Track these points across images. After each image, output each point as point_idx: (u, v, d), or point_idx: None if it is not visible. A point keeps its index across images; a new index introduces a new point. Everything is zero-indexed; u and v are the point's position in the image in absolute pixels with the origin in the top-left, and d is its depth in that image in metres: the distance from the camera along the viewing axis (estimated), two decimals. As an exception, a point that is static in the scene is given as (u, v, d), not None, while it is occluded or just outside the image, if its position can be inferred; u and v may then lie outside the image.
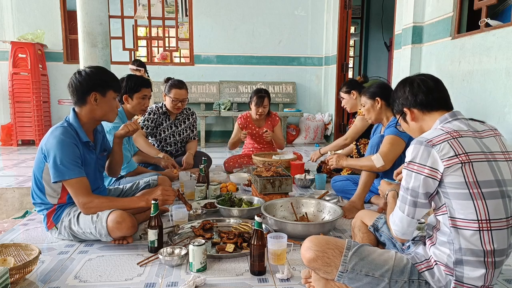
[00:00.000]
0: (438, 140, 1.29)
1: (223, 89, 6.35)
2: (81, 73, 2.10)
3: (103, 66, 2.26)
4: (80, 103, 2.11)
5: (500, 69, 2.73)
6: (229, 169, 3.96)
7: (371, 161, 2.47)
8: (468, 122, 1.38)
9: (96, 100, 2.09)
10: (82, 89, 2.08)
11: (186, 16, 7.39)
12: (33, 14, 5.90)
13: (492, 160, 1.29)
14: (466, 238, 1.25)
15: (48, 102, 5.99)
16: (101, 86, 2.10)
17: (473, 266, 1.26)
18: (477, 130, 1.35)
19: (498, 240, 1.25)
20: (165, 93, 3.57)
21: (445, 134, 1.30)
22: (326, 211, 2.41)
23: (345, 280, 1.39)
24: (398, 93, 1.55)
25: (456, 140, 1.28)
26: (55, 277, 1.77)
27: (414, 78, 1.53)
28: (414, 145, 1.33)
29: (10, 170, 4.13)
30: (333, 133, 6.19)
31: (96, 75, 2.11)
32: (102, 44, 3.86)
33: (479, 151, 1.28)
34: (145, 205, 2.14)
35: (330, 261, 1.40)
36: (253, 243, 1.75)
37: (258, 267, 1.77)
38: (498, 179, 1.27)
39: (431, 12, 3.64)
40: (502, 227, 1.26)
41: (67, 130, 2.05)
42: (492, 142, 1.33)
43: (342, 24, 5.83)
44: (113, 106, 2.18)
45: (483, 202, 1.24)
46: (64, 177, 1.99)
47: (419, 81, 1.49)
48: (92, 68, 2.16)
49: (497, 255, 1.26)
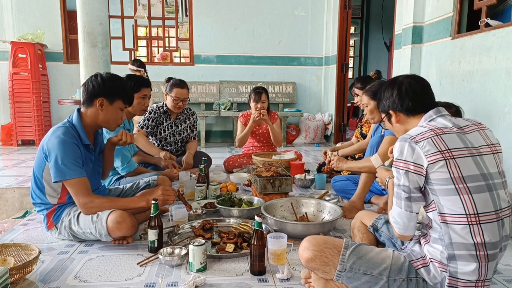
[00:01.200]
0: (422, 137, 1.32)
1: (223, 89, 6.35)
2: (98, 76, 2.13)
3: (119, 75, 2.26)
4: (87, 104, 2.13)
5: (500, 69, 2.73)
6: (229, 169, 3.96)
7: (370, 161, 2.47)
8: (451, 119, 1.40)
9: (101, 106, 2.10)
10: (93, 91, 2.10)
11: (186, 16, 7.39)
12: (33, 14, 5.90)
13: (477, 154, 1.31)
14: (456, 232, 1.27)
15: (48, 102, 5.98)
16: (111, 94, 2.12)
17: (466, 261, 1.27)
18: (460, 126, 1.37)
19: (488, 233, 1.26)
20: (167, 92, 3.58)
21: (428, 131, 1.33)
22: (326, 211, 2.41)
23: (343, 279, 1.39)
24: (386, 93, 1.55)
25: (439, 137, 1.31)
26: (55, 277, 1.77)
27: (403, 81, 1.52)
28: (399, 142, 1.36)
29: (10, 170, 4.14)
30: (333, 133, 6.18)
31: (110, 81, 2.13)
32: (102, 44, 3.86)
33: (462, 147, 1.30)
34: (146, 205, 2.14)
35: (328, 260, 1.41)
36: (253, 243, 1.75)
37: (258, 267, 1.77)
38: (484, 173, 1.29)
39: (431, 12, 3.64)
40: (491, 220, 1.27)
41: (69, 131, 2.05)
42: (475, 137, 1.35)
43: (342, 24, 5.83)
44: (118, 116, 2.18)
45: (469, 197, 1.26)
46: (65, 177, 1.99)
47: (407, 85, 1.49)
48: (110, 75, 2.18)
49: (489, 248, 1.27)
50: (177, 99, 3.53)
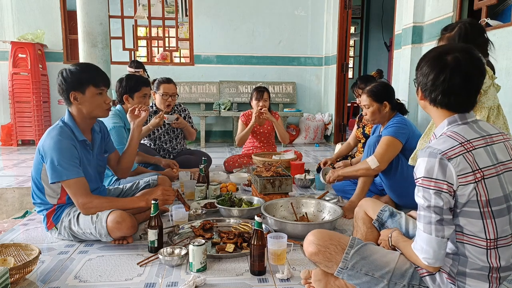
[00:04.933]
0: (454, 153, 1.20)
1: (223, 89, 6.35)
2: (62, 73, 2.07)
3: (84, 62, 2.22)
4: (67, 103, 2.11)
5: (500, 69, 2.73)
6: (229, 169, 3.96)
7: (366, 163, 2.47)
8: (476, 126, 1.28)
9: (77, 100, 2.06)
10: (62, 90, 2.07)
11: (186, 16, 7.39)
12: (33, 14, 5.89)
13: (501, 172, 1.23)
14: (471, 253, 1.22)
15: (48, 102, 5.99)
16: (78, 85, 2.05)
17: (477, 279, 1.23)
18: (489, 134, 1.27)
19: (504, 257, 1.23)
20: (155, 91, 3.62)
21: (459, 146, 1.21)
22: (326, 211, 2.41)
23: (344, 275, 1.40)
24: (425, 68, 1.30)
25: (470, 153, 1.20)
26: (55, 277, 1.76)
27: (447, 63, 1.24)
28: (427, 158, 1.22)
29: (10, 170, 4.13)
30: (333, 133, 6.18)
31: (73, 75, 2.05)
32: (102, 44, 3.86)
33: (491, 165, 1.22)
34: (145, 205, 2.13)
35: (332, 256, 1.41)
36: (253, 243, 1.75)
37: (258, 267, 1.77)
38: (506, 193, 1.23)
39: (431, 12, 3.64)
40: (508, 243, 1.23)
41: (64, 130, 2.04)
42: (501, 149, 1.26)
43: (342, 24, 5.83)
44: (98, 102, 2.09)
45: (492, 221, 1.20)
46: (62, 177, 1.98)
47: (449, 73, 1.24)
48: (72, 67, 2.09)
49: (503, 271, 1.24)
50: (165, 95, 3.56)
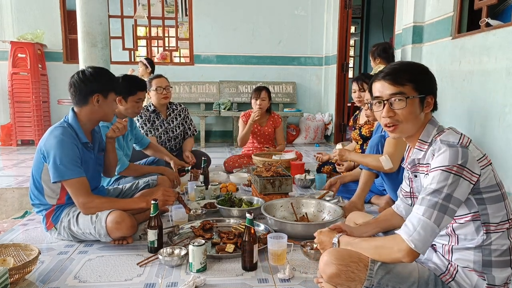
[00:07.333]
0: (466, 141, 1.25)
1: (223, 89, 6.34)
2: (85, 73, 2.10)
3: (104, 67, 2.26)
4: (81, 104, 2.10)
5: (501, 69, 2.72)
6: (229, 169, 3.96)
7: (379, 161, 2.42)
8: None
9: (98, 102, 2.09)
10: (85, 90, 2.08)
11: (186, 16, 7.39)
12: (33, 14, 5.89)
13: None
14: (497, 240, 1.26)
15: (48, 102, 5.98)
16: (105, 88, 2.11)
17: (502, 267, 1.27)
18: None
19: None
20: (149, 91, 3.62)
21: (462, 135, 1.27)
22: (326, 211, 2.41)
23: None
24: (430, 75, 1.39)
25: (472, 142, 1.26)
26: (54, 277, 1.76)
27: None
28: (450, 149, 1.22)
29: (10, 170, 4.13)
30: (333, 133, 6.18)
31: (100, 76, 2.12)
32: (102, 44, 3.85)
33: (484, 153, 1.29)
34: (145, 206, 2.13)
35: (355, 275, 1.28)
36: (244, 239, 1.78)
37: (249, 263, 1.80)
38: (498, 181, 1.30)
39: (431, 12, 3.64)
40: None
41: (67, 130, 2.04)
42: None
43: (342, 24, 5.82)
44: (114, 108, 2.21)
45: (507, 202, 1.26)
46: (63, 177, 1.98)
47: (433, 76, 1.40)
48: (96, 69, 2.16)
49: None
50: (160, 88, 3.58)
